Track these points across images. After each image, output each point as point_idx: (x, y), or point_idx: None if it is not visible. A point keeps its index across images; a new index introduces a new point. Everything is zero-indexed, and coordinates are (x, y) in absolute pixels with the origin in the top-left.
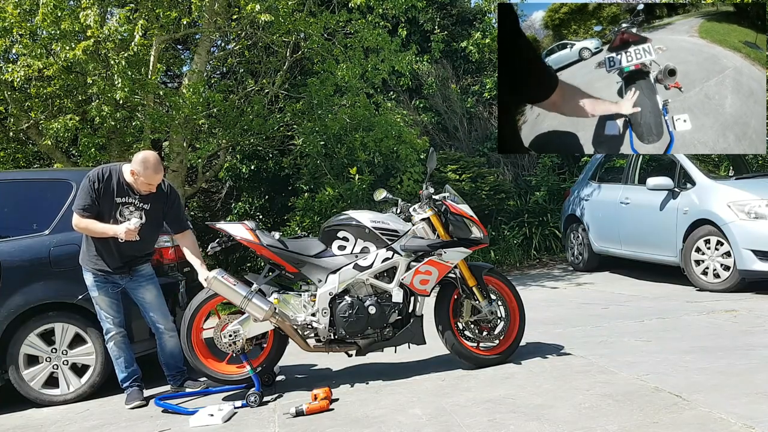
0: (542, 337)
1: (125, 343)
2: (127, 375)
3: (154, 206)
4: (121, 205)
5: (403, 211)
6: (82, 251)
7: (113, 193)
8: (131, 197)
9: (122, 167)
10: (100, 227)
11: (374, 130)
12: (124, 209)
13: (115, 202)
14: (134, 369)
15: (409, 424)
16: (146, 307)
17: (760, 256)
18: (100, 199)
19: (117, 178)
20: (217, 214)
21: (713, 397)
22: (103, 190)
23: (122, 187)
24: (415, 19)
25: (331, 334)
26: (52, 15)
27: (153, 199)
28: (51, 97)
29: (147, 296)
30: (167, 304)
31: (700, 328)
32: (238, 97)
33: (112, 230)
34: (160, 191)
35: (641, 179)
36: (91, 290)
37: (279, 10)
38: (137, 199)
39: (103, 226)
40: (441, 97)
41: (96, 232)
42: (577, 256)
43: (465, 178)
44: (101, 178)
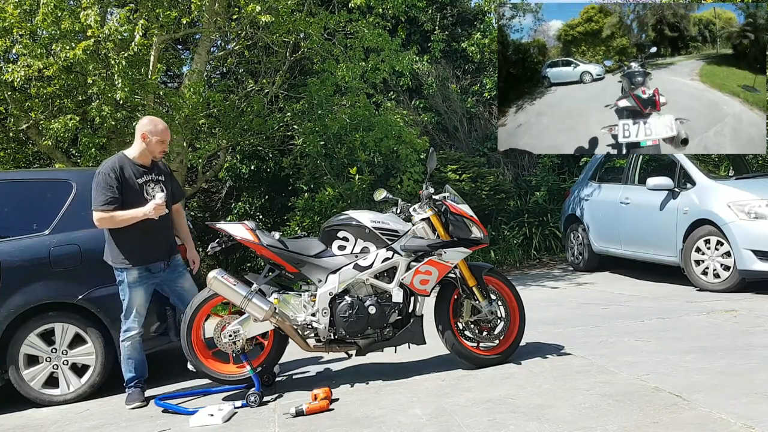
0: (542, 337)
1: (140, 344)
2: (134, 376)
3: (166, 179)
4: (145, 185)
5: (403, 211)
6: (112, 252)
7: (133, 176)
8: (148, 173)
9: (124, 152)
10: (129, 214)
11: (374, 130)
12: (148, 187)
13: (137, 183)
14: (143, 371)
15: (409, 424)
16: (185, 296)
17: (760, 256)
18: (122, 187)
19: (128, 163)
20: (217, 214)
21: (713, 397)
22: (122, 178)
23: (136, 167)
24: (415, 19)
25: (331, 334)
26: (52, 15)
27: (163, 172)
28: (51, 97)
29: (186, 284)
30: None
31: (700, 328)
32: (238, 97)
33: (141, 212)
34: (163, 167)
35: (641, 179)
36: (131, 287)
37: (279, 10)
38: (154, 173)
39: (131, 212)
40: (441, 97)
41: (125, 221)
42: (577, 256)
43: (465, 178)
44: (116, 169)
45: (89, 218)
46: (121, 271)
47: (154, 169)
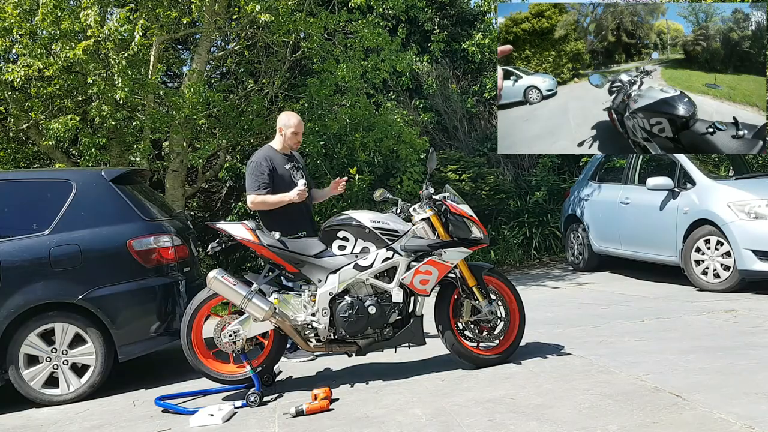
0: (542, 337)
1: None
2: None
3: (303, 167)
4: (291, 170)
5: (403, 211)
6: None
7: (281, 163)
8: (291, 161)
9: (270, 144)
10: (278, 198)
11: (374, 130)
12: (293, 173)
13: (285, 169)
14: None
15: (409, 424)
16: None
17: (760, 256)
18: (273, 174)
19: (274, 153)
20: (217, 214)
21: (713, 397)
22: (273, 166)
23: (282, 156)
24: (415, 19)
25: (331, 334)
26: (52, 15)
27: (300, 161)
28: (51, 97)
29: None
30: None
31: (700, 328)
32: (238, 97)
33: (288, 197)
34: (298, 157)
35: (641, 179)
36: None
37: (279, 10)
38: (295, 162)
39: (279, 197)
40: (441, 97)
41: (275, 204)
42: (577, 256)
43: (465, 178)
44: (267, 158)
45: (89, 218)
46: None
47: (294, 159)
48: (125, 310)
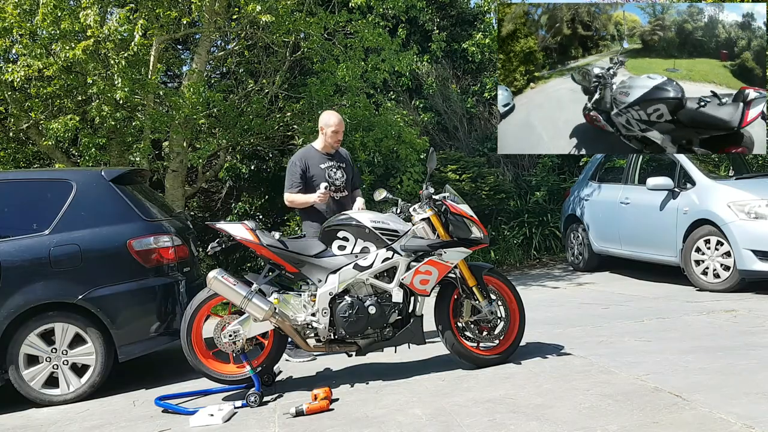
0: (542, 337)
1: None
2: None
3: (347, 165)
4: (327, 169)
5: (403, 211)
6: (302, 228)
7: (317, 162)
8: (330, 160)
9: (310, 144)
10: (302, 198)
11: (374, 130)
12: (330, 171)
13: (320, 168)
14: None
15: (409, 424)
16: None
17: (760, 256)
18: (308, 171)
19: (314, 152)
20: (217, 214)
21: (713, 397)
22: (308, 165)
23: (321, 155)
24: (415, 19)
25: (331, 334)
26: (52, 15)
27: (344, 160)
28: (51, 97)
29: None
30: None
31: (700, 328)
32: (238, 97)
33: (311, 198)
34: (347, 153)
35: (641, 179)
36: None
37: (279, 10)
38: (336, 161)
39: (304, 197)
40: (441, 97)
41: (301, 204)
42: (577, 256)
43: (465, 178)
44: (302, 157)
45: (89, 218)
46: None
47: (336, 157)
48: (125, 310)
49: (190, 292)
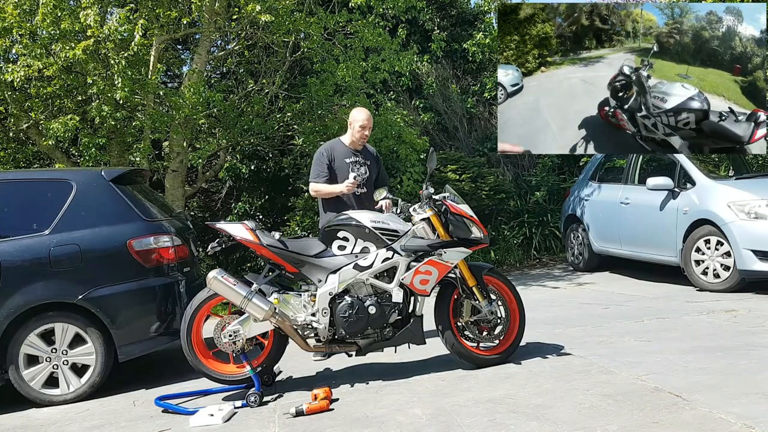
0: (542, 337)
1: None
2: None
3: (372, 163)
4: (352, 164)
5: (403, 211)
6: (322, 220)
7: (342, 155)
8: (356, 156)
9: (338, 138)
10: (328, 188)
11: (374, 130)
12: (354, 166)
13: (345, 162)
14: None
15: (409, 424)
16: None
17: (760, 256)
18: (333, 163)
19: (340, 146)
20: (217, 214)
21: (713, 397)
22: (333, 156)
23: (347, 149)
24: (415, 20)
25: (331, 334)
26: (52, 15)
27: (370, 157)
28: (51, 97)
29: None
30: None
31: (700, 328)
32: (238, 97)
33: (338, 188)
34: (374, 151)
35: (641, 179)
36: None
37: (279, 10)
38: (361, 156)
39: (330, 187)
40: (441, 97)
41: (327, 194)
42: (577, 256)
43: (465, 178)
44: (329, 149)
45: (89, 218)
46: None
47: (362, 153)
48: (125, 310)
49: (190, 292)
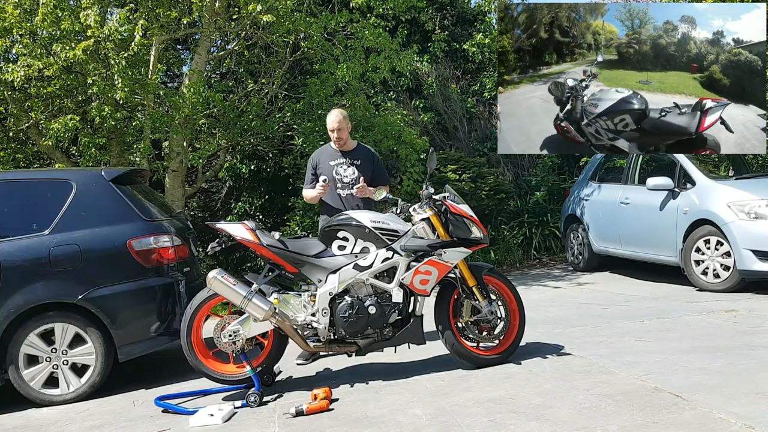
0: (542, 337)
1: None
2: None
3: (364, 163)
4: (336, 166)
5: (403, 211)
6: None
7: (327, 158)
8: (343, 157)
9: (329, 143)
10: (308, 193)
11: (374, 131)
12: (339, 168)
13: (329, 164)
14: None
15: (409, 424)
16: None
17: (760, 256)
18: (318, 168)
19: (328, 149)
20: (217, 214)
21: (713, 397)
22: (319, 161)
23: (334, 152)
24: (415, 19)
25: (331, 334)
26: (52, 15)
27: (362, 157)
28: (51, 97)
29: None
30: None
31: (700, 328)
32: (238, 97)
33: (312, 193)
34: (368, 151)
35: (641, 179)
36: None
37: (279, 10)
38: (348, 158)
39: (309, 192)
40: (441, 97)
41: (309, 199)
42: (577, 256)
43: (465, 178)
44: (317, 154)
45: (89, 218)
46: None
47: (350, 154)
48: (125, 310)
49: (190, 292)
